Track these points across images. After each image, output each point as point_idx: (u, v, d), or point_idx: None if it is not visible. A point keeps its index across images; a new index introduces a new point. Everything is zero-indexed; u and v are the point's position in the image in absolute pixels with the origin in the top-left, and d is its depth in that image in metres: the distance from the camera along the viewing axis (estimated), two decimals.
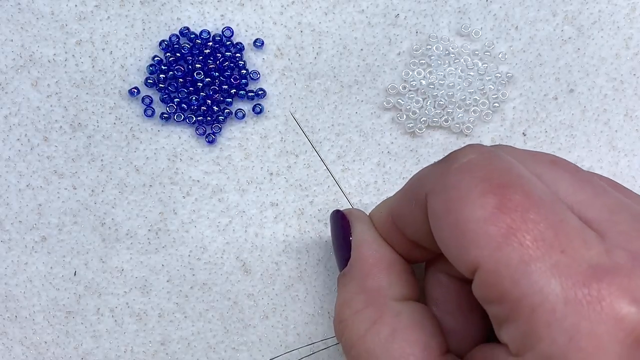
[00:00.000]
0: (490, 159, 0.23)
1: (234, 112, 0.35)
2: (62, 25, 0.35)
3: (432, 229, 0.24)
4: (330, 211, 0.32)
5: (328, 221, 0.35)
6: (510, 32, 0.36)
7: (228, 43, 0.35)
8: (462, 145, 0.27)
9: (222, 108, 0.35)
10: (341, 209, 0.31)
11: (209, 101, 0.35)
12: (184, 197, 0.35)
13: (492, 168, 0.23)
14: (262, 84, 0.36)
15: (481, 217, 0.22)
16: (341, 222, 0.30)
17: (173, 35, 0.35)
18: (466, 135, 0.36)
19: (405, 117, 0.35)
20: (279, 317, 0.35)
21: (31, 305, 0.34)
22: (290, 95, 0.36)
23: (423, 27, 0.36)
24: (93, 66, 0.35)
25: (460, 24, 0.36)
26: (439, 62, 0.36)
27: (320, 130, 0.35)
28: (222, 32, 0.35)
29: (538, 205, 0.22)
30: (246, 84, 0.35)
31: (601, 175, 0.26)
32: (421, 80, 0.35)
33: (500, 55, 0.36)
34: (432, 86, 0.35)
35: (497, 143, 0.36)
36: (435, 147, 0.35)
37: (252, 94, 0.35)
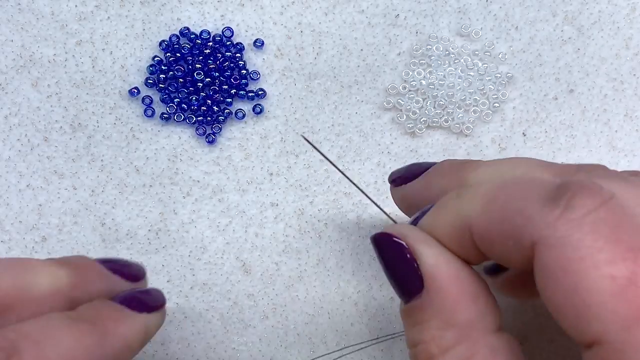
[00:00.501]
0: (615, 210, 0.20)
1: (234, 112, 0.35)
2: (62, 26, 0.35)
3: (541, 283, 0.20)
4: (330, 211, 0.31)
5: (328, 222, 0.35)
6: (510, 32, 0.36)
7: (228, 43, 0.35)
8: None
9: (222, 108, 0.35)
10: (387, 230, 0.25)
11: (209, 101, 0.35)
12: (184, 197, 0.35)
13: (619, 224, 0.20)
14: (262, 84, 0.36)
15: (609, 290, 0.19)
16: (398, 247, 0.24)
17: (173, 35, 0.35)
18: (466, 135, 0.36)
19: (405, 117, 0.35)
20: (279, 317, 0.35)
21: None
22: (290, 96, 0.36)
23: (423, 27, 0.36)
24: (93, 66, 0.35)
25: (460, 24, 0.36)
26: (439, 62, 0.36)
27: (320, 130, 0.35)
28: (222, 32, 0.35)
29: None
30: (246, 84, 0.35)
31: None
32: (421, 81, 0.36)
33: (500, 55, 0.36)
34: (432, 86, 0.35)
35: (497, 143, 0.36)
36: (435, 147, 0.35)
37: (252, 94, 0.35)
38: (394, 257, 0.24)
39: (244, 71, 0.35)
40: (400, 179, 0.29)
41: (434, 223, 0.24)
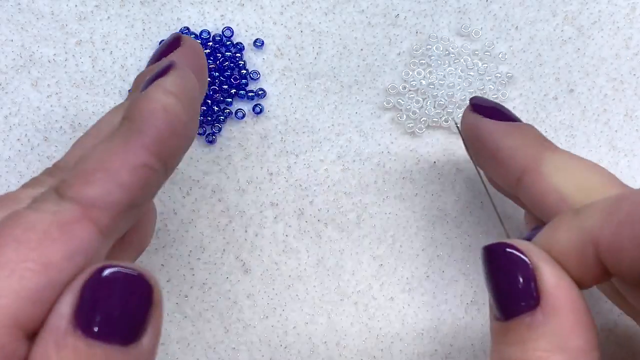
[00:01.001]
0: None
1: (234, 112, 0.35)
2: (62, 26, 0.35)
3: None
4: (329, 211, 0.31)
5: (328, 222, 0.35)
6: (510, 32, 0.36)
7: (228, 43, 0.35)
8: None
9: (222, 108, 0.35)
10: (509, 242, 0.24)
11: (209, 101, 0.35)
12: (183, 197, 0.35)
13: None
14: (262, 84, 0.36)
15: None
16: (517, 261, 0.23)
17: None
18: None
19: (405, 117, 0.35)
20: (278, 317, 0.34)
21: None
22: (290, 95, 0.36)
23: (423, 27, 0.36)
24: (93, 66, 0.35)
25: (460, 24, 0.36)
26: (439, 62, 0.36)
27: (320, 130, 0.35)
28: (222, 32, 0.35)
29: None
30: (246, 84, 0.35)
31: None
32: (421, 80, 0.36)
33: (500, 55, 0.36)
34: (432, 86, 0.35)
35: None
36: (435, 147, 0.35)
37: (252, 94, 0.35)
38: (509, 270, 0.23)
39: (244, 71, 0.35)
40: (482, 108, 0.30)
41: (552, 241, 0.23)
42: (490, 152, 0.29)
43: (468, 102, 0.35)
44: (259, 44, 0.35)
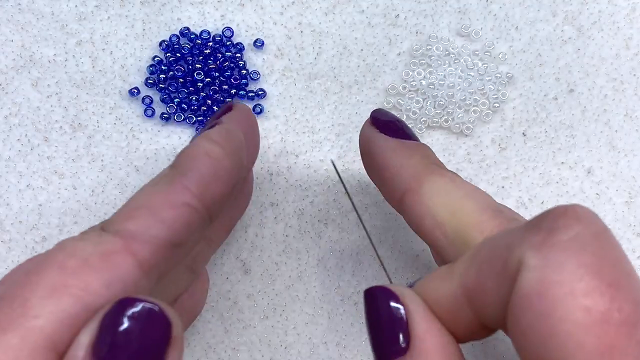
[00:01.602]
0: (602, 242, 0.20)
1: None
2: (62, 26, 0.35)
3: (515, 307, 0.20)
4: (330, 211, 0.31)
5: (328, 222, 0.35)
6: (510, 32, 0.36)
7: (228, 43, 0.35)
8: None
9: None
10: (386, 287, 0.24)
11: (209, 101, 0.35)
12: None
13: (603, 256, 0.19)
14: (262, 84, 0.36)
15: (582, 322, 0.18)
16: (393, 304, 0.23)
17: (173, 35, 0.35)
18: (466, 135, 0.36)
19: (405, 117, 0.35)
20: (278, 317, 0.35)
21: None
22: (290, 95, 0.36)
23: (423, 27, 0.36)
24: (93, 66, 0.35)
25: (460, 24, 0.36)
26: (439, 62, 0.36)
27: (320, 130, 0.35)
28: (222, 32, 0.35)
29: None
30: (246, 84, 0.35)
31: None
32: (421, 81, 0.36)
33: (500, 55, 0.36)
34: (432, 86, 0.35)
35: (497, 143, 0.36)
36: (435, 147, 0.35)
37: (252, 94, 0.35)
38: (386, 314, 0.23)
39: (244, 71, 0.35)
40: (379, 122, 0.29)
41: (429, 290, 0.24)
42: (378, 168, 0.28)
43: (468, 102, 0.35)
44: (259, 44, 0.35)
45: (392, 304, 0.23)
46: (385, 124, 0.29)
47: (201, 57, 0.35)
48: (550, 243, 0.20)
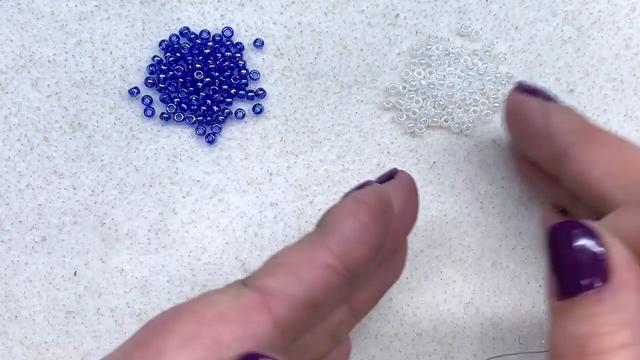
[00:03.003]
0: None
1: (234, 112, 0.35)
2: (62, 25, 0.35)
3: None
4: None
5: None
6: (510, 32, 0.36)
7: (228, 43, 0.35)
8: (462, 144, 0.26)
9: (222, 108, 0.35)
10: (580, 221, 0.24)
11: (209, 101, 0.35)
12: (184, 197, 0.35)
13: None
14: (262, 84, 0.36)
15: None
16: (590, 236, 0.23)
17: (173, 35, 0.35)
18: (466, 135, 0.36)
19: (405, 117, 0.35)
20: None
21: (31, 305, 0.34)
22: (290, 95, 0.36)
23: (423, 27, 0.36)
24: (93, 66, 0.35)
25: (460, 24, 0.36)
26: (439, 62, 0.36)
27: (320, 130, 0.35)
28: (222, 32, 0.35)
29: None
30: (246, 84, 0.35)
31: None
32: (421, 80, 0.36)
33: (500, 55, 0.36)
34: (432, 86, 0.35)
35: (497, 143, 0.36)
36: (435, 147, 0.36)
37: (252, 94, 0.35)
38: (579, 246, 0.23)
39: (243, 71, 0.35)
40: (529, 88, 0.31)
41: (618, 225, 0.24)
42: (537, 128, 0.29)
43: (468, 102, 0.35)
44: (259, 44, 0.35)
45: (589, 235, 0.23)
46: (534, 90, 0.30)
47: (201, 57, 0.35)
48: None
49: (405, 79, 0.36)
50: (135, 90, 0.35)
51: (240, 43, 0.35)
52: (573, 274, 0.23)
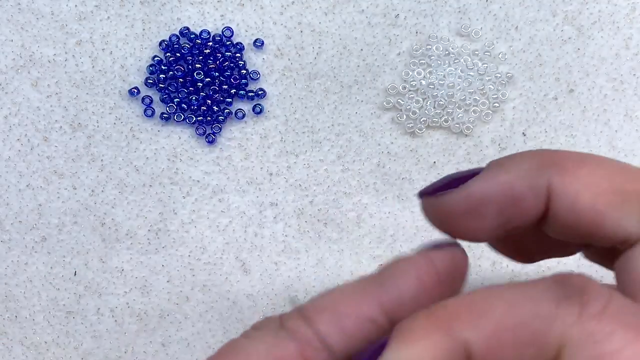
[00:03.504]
0: (622, 300, 0.19)
1: (234, 112, 0.35)
2: (62, 25, 0.35)
3: None
4: (330, 211, 0.31)
5: (327, 221, 0.35)
6: (510, 32, 0.36)
7: (228, 43, 0.35)
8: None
9: (222, 108, 0.35)
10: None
11: (209, 101, 0.35)
12: (184, 197, 0.35)
13: (635, 312, 0.19)
14: (262, 84, 0.36)
15: None
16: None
17: (173, 35, 0.35)
18: (466, 135, 0.36)
19: (405, 117, 0.35)
20: None
21: (31, 305, 0.34)
22: (290, 95, 0.36)
23: (423, 27, 0.36)
24: (93, 66, 0.35)
25: (460, 24, 0.36)
26: (439, 62, 0.36)
27: (320, 130, 0.35)
28: (222, 32, 0.35)
29: None
30: (246, 84, 0.35)
31: None
32: (421, 80, 0.36)
33: (500, 55, 0.36)
34: (432, 86, 0.35)
35: (497, 143, 0.36)
36: (435, 147, 0.36)
37: (252, 94, 0.35)
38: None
39: (244, 71, 0.35)
40: (435, 189, 0.26)
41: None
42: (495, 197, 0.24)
43: (468, 102, 0.35)
44: (259, 44, 0.35)
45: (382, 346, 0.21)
46: (439, 186, 0.26)
47: (201, 57, 0.35)
48: (589, 316, 0.19)
49: (405, 79, 0.36)
50: (135, 90, 0.35)
51: (240, 43, 0.35)
52: None
